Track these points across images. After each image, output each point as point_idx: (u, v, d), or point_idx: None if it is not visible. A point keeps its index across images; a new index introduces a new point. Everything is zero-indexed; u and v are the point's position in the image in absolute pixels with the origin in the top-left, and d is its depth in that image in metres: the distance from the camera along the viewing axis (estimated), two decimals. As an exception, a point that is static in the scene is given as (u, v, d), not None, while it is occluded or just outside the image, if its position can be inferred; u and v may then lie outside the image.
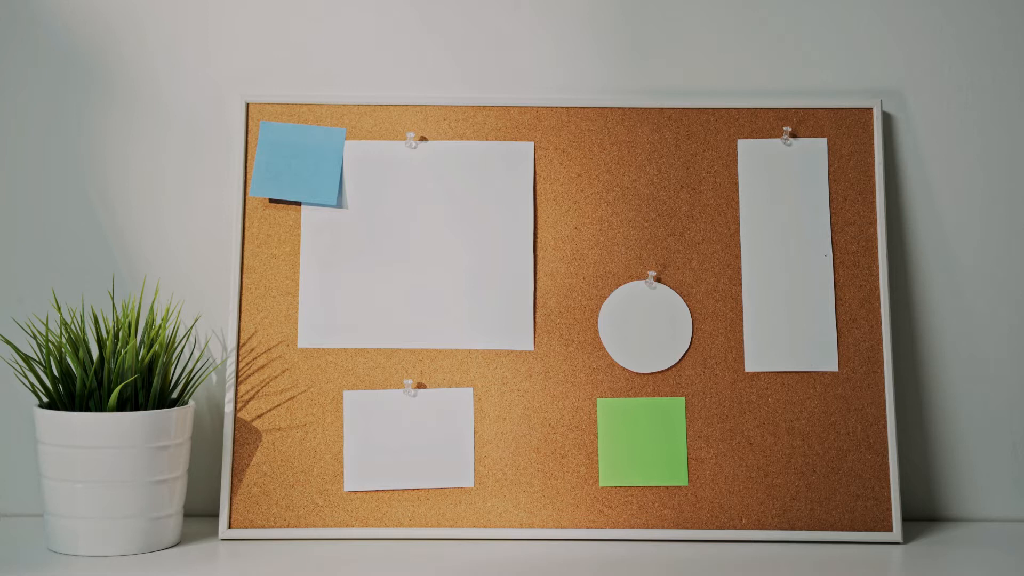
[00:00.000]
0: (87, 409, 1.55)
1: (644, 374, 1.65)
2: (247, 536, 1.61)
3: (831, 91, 1.69)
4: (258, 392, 1.64)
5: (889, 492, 1.61)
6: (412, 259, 1.67)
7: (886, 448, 1.62)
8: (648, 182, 1.67)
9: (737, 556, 1.56)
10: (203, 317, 1.69)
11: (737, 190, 1.66)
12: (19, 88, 1.71)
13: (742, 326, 1.64)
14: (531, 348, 1.65)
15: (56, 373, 1.56)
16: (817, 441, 1.63)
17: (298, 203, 1.67)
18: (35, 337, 1.58)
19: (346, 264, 1.66)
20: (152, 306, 1.60)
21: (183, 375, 1.62)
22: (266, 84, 1.70)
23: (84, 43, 1.71)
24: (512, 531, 1.62)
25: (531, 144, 1.68)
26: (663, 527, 1.62)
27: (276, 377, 1.64)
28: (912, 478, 1.70)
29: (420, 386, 1.65)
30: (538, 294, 1.66)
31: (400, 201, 1.68)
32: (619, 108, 1.68)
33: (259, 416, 1.64)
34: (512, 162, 1.68)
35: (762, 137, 1.67)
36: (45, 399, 1.58)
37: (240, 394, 1.64)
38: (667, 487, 1.62)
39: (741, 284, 1.65)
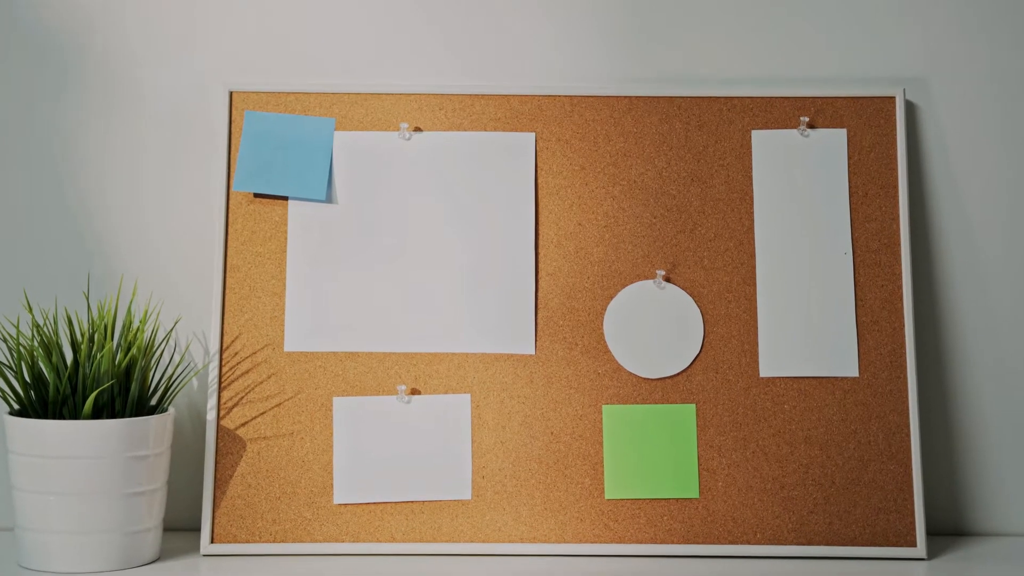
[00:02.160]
0: (61, 417, 1.54)
1: (652, 379, 1.63)
2: (230, 552, 1.60)
3: (851, 79, 1.69)
4: (242, 399, 1.62)
5: (913, 505, 1.60)
6: (406, 258, 1.65)
7: (909, 458, 1.61)
8: (656, 176, 1.66)
9: (751, 573, 1.55)
10: (184, 319, 1.68)
11: (751, 184, 1.65)
12: (-10, 76, 1.71)
13: (756, 328, 1.63)
14: (532, 352, 1.63)
15: (28, 379, 1.54)
16: (836, 451, 1.61)
17: (285, 198, 1.66)
18: (5, 340, 1.57)
19: (336, 262, 1.64)
20: (130, 307, 1.59)
21: (163, 381, 1.60)
22: (251, 72, 1.69)
23: (59, 29, 1.70)
24: (512, 546, 1.60)
25: (532, 135, 1.66)
26: (672, 542, 1.60)
27: (261, 383, 1.63)
28: (937, 490, 1.69)
29: (414, 392, 1.63)
30: (539, 295, 1.64)
31: (393, 196, 1.66)
32: (626, 97, 1.66)
33: (243, 424, 1.62)
34: (512, 154, 1.66)
35: (778, 128, 1.66)
36: (16, 406, 1.57)
37: (223, 401, 1.62)
38: (677, 500, 1.61)
39: (755, 284, 1.64)
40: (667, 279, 1.64)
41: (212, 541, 1.60)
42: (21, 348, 1.53)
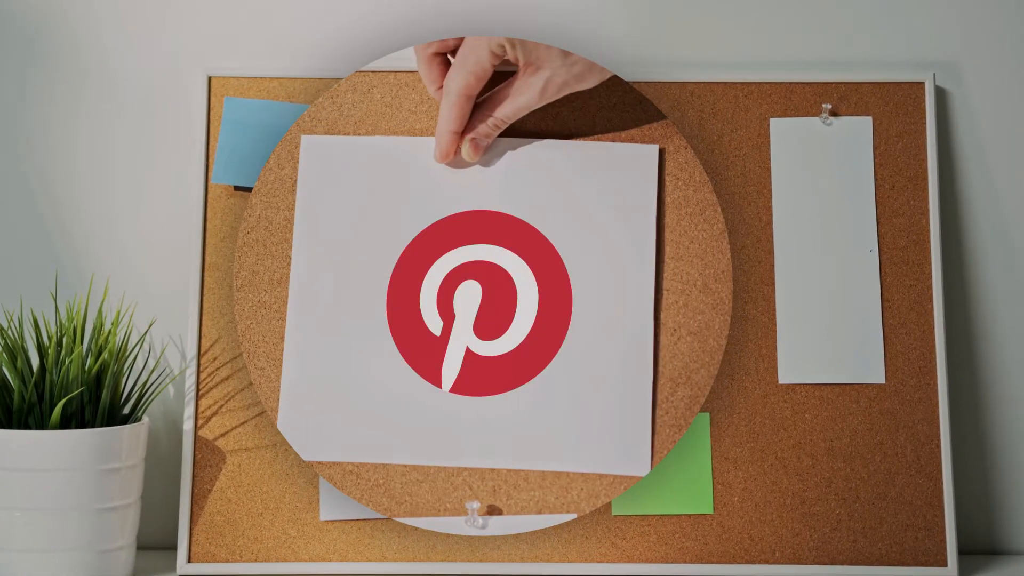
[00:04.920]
0: (26, 426, 1.51)
1: (663, 386, 1.59)
2: (209, 571, 1.56)
3: (877, 63, 1.65)
4: (222, 407, 1.59)
5: (943, 522, 1.57)
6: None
7: (940, 471, 1.57)
8: (667, 167, 1.62)
9: (770, 595, 1.52)
10: (159, 321, 1.65)
11: (769, 176, 1.62)
12: (-49, 61, 1.67)
13: (775, 331, 1.59)
14: (534, 356, 1.60)
15: (-10, 385, 1.51)
16: (861, 463, 1.57)
17: (268, 191, 1.62)
18: (-34, 344, 1.52)
19: (323, 260, 1.60)
20: (100, 308, 1.55)
21: (136, 388, 1.57)
22: (232, 55, 1.67)
23: (23, 8, 1.67)
24: (513, 566, 1.56)
25: (534, 124, 1.62)
26: (685, 561, 1.56)
27: (242, 390, 1.59)
28: (970, 505, 1.66)
29: (407, 400, 1.58)
30: (542, 295, 1.60)
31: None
32: (634, 83, 1.62)
33: (223, 434, 1.58)
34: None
35: (798, 115, 1.62)
36: (-22, 415, 1.53)
37: (201, 409, 1.59)
38: (689, 516, 1.57)
39: (774, 284, 1.60)
40: (679, 278, 1.60)
41: (189, 560, 1.56)
42: (-17, 353, 1.49)
